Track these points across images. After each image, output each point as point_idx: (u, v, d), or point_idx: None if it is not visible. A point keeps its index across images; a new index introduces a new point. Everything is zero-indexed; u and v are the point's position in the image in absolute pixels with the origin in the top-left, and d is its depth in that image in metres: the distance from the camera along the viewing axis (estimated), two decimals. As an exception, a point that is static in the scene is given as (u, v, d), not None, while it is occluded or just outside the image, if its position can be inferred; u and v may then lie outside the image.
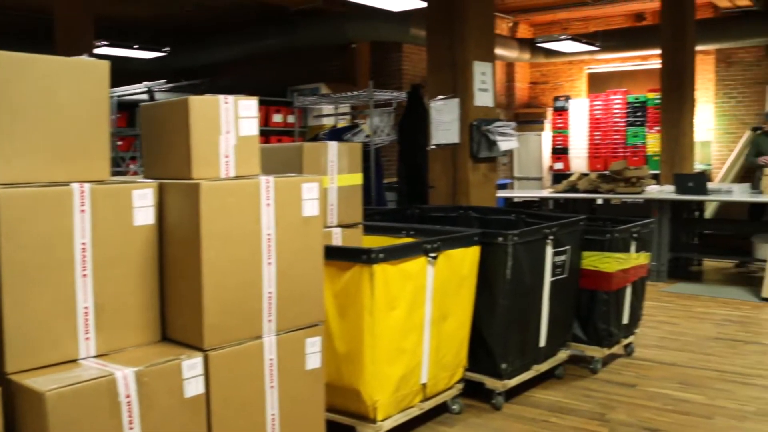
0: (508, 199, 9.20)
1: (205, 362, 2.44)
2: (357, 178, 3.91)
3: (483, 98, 5.80)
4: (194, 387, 2.41)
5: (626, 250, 4.53)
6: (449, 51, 5.78)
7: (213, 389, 2.47)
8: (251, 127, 2.71)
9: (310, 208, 2.80)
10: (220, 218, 2.49)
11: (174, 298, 2.56)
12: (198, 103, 2.55)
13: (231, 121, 2.64)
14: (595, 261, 4.42)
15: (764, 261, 6.84)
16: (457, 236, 3.72)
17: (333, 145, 3.76)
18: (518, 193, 10.06)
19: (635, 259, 4.65)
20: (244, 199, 2.58)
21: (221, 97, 2.62)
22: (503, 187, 11.70)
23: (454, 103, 5.72)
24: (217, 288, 2.50)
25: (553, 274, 4.16)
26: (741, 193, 7.51)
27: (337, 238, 3.81)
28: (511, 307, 3.89)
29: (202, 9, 11.07)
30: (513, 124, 6.04)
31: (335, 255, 3.32)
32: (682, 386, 4.35)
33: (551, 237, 4.09)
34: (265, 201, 2.63)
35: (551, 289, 4.16)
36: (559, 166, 13.23)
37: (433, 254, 3.50)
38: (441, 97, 5.81)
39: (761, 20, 11.44)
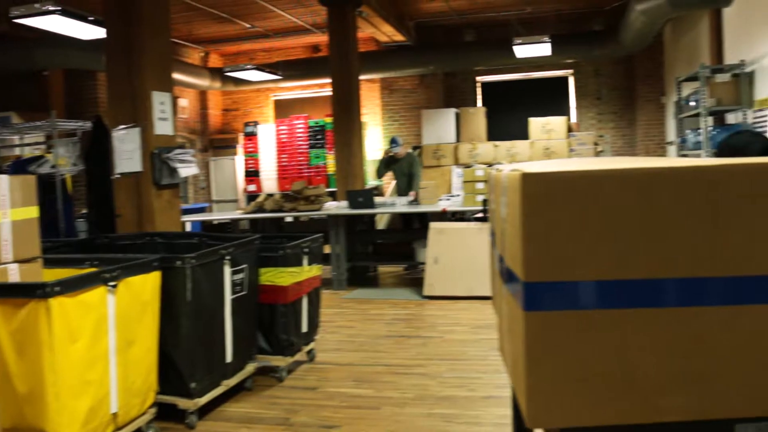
0: (205, 223, 9.15)
1: None
2: (32, 211, 3.69)
3: (163, 127, 5.77)
4: None
5: (299, 264, 4.78)
6: (128, 81, 5.68)
7: None
8: None
9: (-27, 248, 2.62)
10: None
11: None
12: None
13: None
14: (272, 276, 4.62)
15: (424, 263, 7.55)
16: (136, 263, 3.68)
17: (3, 179, 3.53)
18: (214, 216, 10.06)
19: (308, 271, 4.92)
20: None
21: None
22: (201, 210, 11.63)
23: (135, 132, 5.63)
24: None
25: (233, 292, 4.27)
26: (402, 205, 8.24)
27: (14, 274, 3.57)
28: (194, 327, 3.93)
29: None
30: (192, 150, 6.08)
31: (8, 292, 3.13)
32: (356, 383, 4.68)
33: (228, 257, 4.19)
34: None
35: (232, 306, 4.26)
36: (252, 188, 13.45)
37: (112, 283, 3.43)
38: (122, 126, 5.68)
39: (415, 54, 12.66)
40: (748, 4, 8.02)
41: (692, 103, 8.59)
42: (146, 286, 3.72)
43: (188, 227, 8.90)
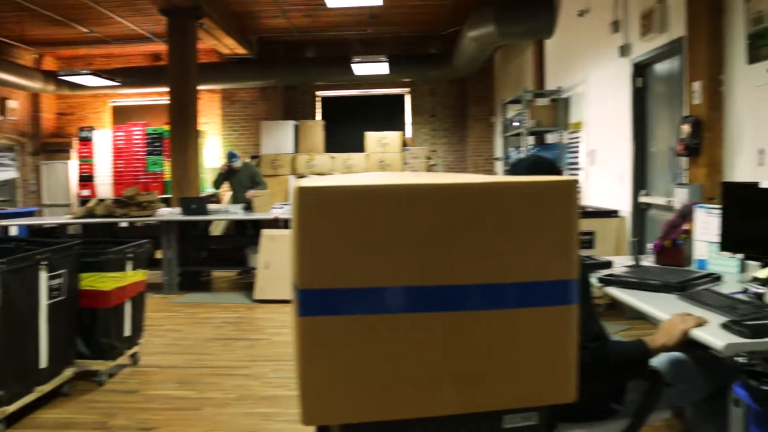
0: (33, 227, 8.57)
1: None
2: None
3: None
4: None
5: (122, 269, 4.60)
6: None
7: None
8: None
9: None
10: None
11: None
12: None
13: None
14: (93, 281, 4.41)
15: (255, 268, 7.49)
16: (-62, 267, 3.41)
17: None
18: (40, 220, 9.44)
19: (132, 276, 4.74)
20: None
21: None
22: (29, 214, 10.89)
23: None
24: None
25: (50, 297, 4.04)
26: (236, 213, 8.14)
27: None
28: (2, 333, 3.68)
29: None
30: (11, 154, 5.71)
31: None
32: (179, 385, 4.56)
33: (44, 262, 3.97)
34: None
35: (49, 311, 4.02)
36: (86, 192, 12.81)
37: None
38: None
39: (257, 67, 12.57)
40: (566, 37, 8.64)
41: (516, 124, 9.11)
42: (-51, 289, 3.45)
43: (14, 231, 8.32)
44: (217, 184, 9.48)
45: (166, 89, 9.69)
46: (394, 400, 1.46)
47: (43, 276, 3.98)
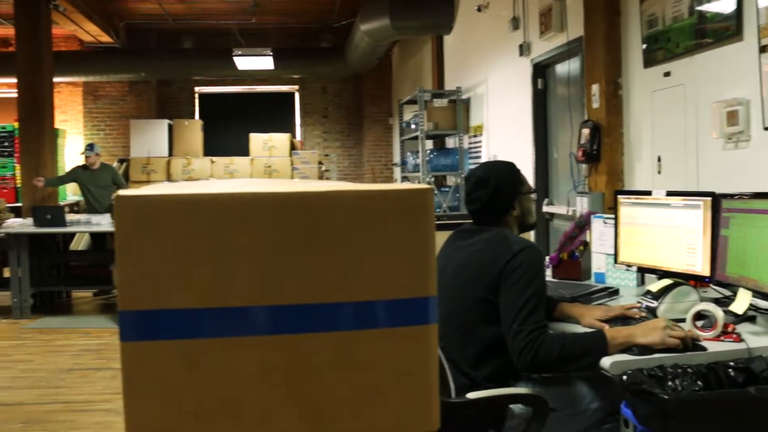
0: None
1: None
2: None
3: None
4: None
5: (-45, 290, 4.40)
6: None
7: None
8: None
9: None
10: None
11: None
12: None
13: None
14: None
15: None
16: None
17: None
18: None
19: (-33, 299, 4.54)
20: None
21: None
22: None
23: None
24: None
25: None
26: (101, 224, 7.88)
27: None
28: None
29: None
30: None
31: None
32: (26, 425, 4.37)
33: None
34: None
35: None
36: None
37: None
38: None
39: (125, 57, 12.28)
40: (465, 34, 8.85)
41: (413, 126, 9.25)
42: None
43: None
44: (60, 180, 9.11)
45: (16, 80, 9.30)
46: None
47: None
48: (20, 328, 7.07)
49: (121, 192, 1.37)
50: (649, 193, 3.08)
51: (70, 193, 12.10)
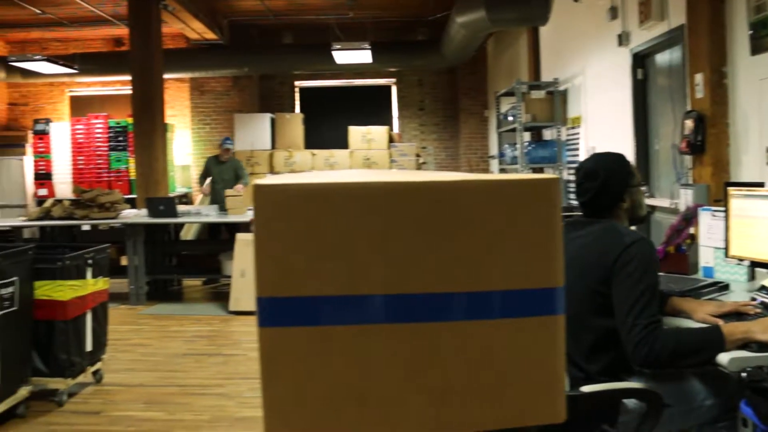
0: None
1: None
2: None
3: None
4: None
5: (82, 276, 4.66)
6: None
7: None
8: None
9: None
10: None
11: None
12: None
13: None
14: (49, 290, 4.46)
15: (230, 277, 7.55)
16: None
17: None
18: (-6, 222, 9.47)
19: (92, 285, 4.80)
20: None
21: None
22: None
23: None
24: None
25: (1, 308, 4.10)
26: (208, 215, 8.21)
27: None
28: (-46, 349, 3.74)
29: None
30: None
31: None
32: (147, 406, 4.62)
33: (-7, 270, 4.03)
34: None
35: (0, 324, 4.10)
36: (43, 192, 12.74)
37: None
38: None
39: (228, 54, 12.60)
40: (561, 25, 8.74)
41: (510, 118, 9.21)
42: None
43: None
44: (204, 177, 9.51)
45: (129, 78, 9.71)
46: (360, 418, 1.45)
47: (-5, 286, 4.03)
48: (137, 314, 7.43)
49: (259, 181, 1.42)
50: (761, 184, 3.01)
51: (179, 185, 12.58)
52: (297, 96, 14.22)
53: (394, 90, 14.36)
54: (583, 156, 8.00)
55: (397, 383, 1.46)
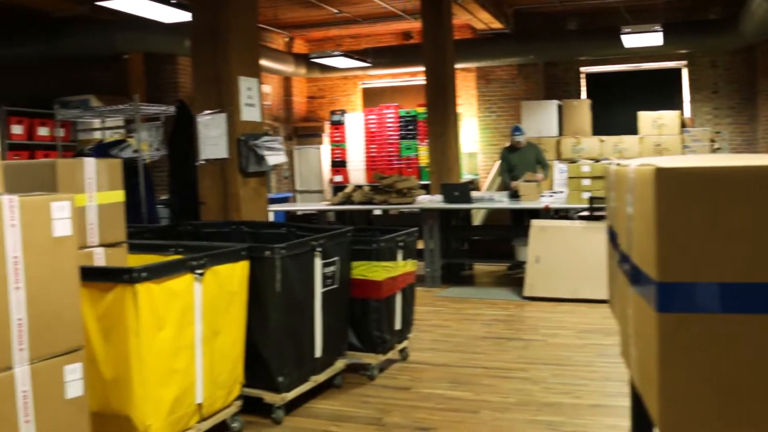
0: (289, 213, 9.26)
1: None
2: (118, 195, 3.77)
3: (250, 113, 5.82)
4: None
5: (393, 258, 4.73)
6: (214, 66, 5.74)
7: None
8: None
9: (62, 227, 2.65)
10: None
11: None
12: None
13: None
14: (364, 270, 4.57)
15: (524, 262, 7.38)
16: (224, 252, 3.70)
17: (90, 162, 3.61)
18: (299, 206, 10.16)
19: (402, 266, 4.85)
20: (-17, 220, 2.41)
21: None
22: (284, 200, 11.76)
23: (221, 117, 5.69)
24: (-47, 317, 2.31)
25: (324, 285, 4.24)
26: (501, 201, 8.11)
27: (100, 258, 3.65)
28: (283, 320, 3.92)
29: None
30: (280, 138, 6.12)
31: (95, 276, 3.18)
32: (453, 385, 4.60)
33: (319, 249, 4.17)
34: (9, 222, 2.47)
35: (323, 299, 4.24)
36: (338, 178, 13.49)
37: (199, 271, 3.45)
38: (208, 111, 5.75)
39: (513, 42, 12.46)
40: None
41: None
42: (234, 276, 3.74)
43: (271, 217, 9.00)
44: (504, 167, 9.08)
45: (418, 69, 9.93)
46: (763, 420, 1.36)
47: (318, 263, 4.19)
48: (434, 296, 7.52)
49: (662, 164, 1.40)
50: None
51: (466, 171, 12.66)
52: (583, 82, 13.72)
53: (684, 73, 13.36)
54: None
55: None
